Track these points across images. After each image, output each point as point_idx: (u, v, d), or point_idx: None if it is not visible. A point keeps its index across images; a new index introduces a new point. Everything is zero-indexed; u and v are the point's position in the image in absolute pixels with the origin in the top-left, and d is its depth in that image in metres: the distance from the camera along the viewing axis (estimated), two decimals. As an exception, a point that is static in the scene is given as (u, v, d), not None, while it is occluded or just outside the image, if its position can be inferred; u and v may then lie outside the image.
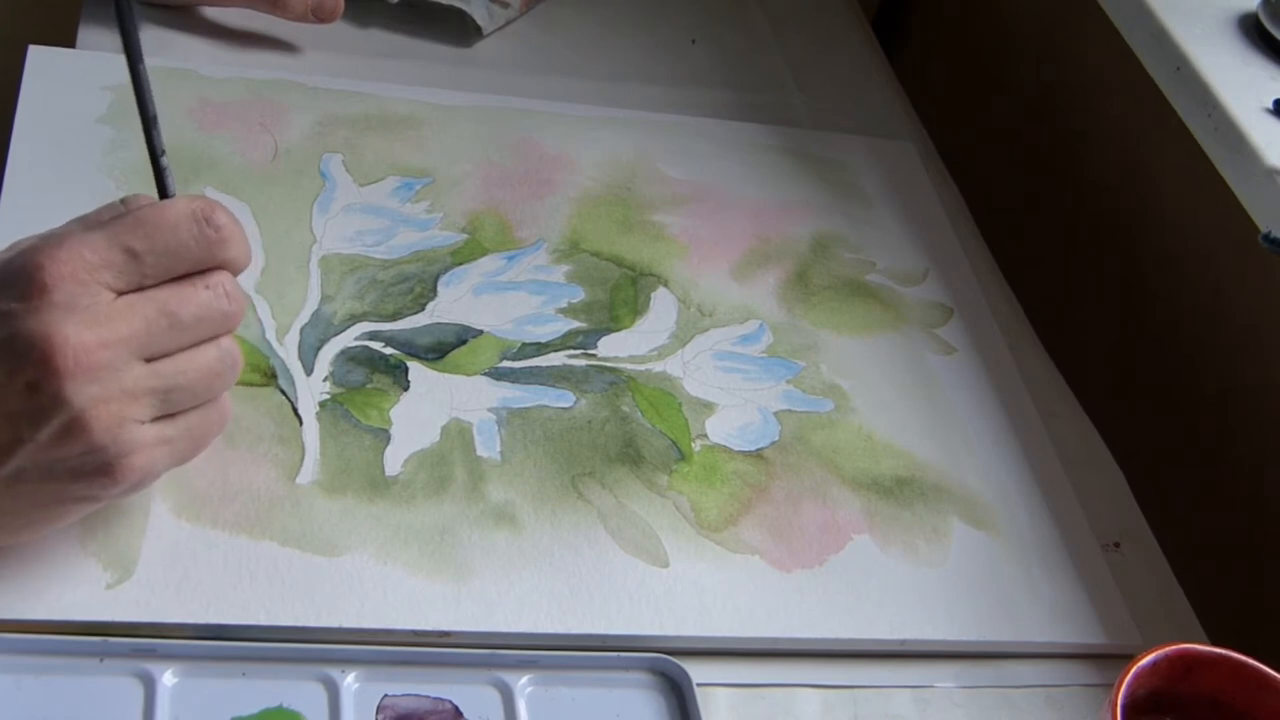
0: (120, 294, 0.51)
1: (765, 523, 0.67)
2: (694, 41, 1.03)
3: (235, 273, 0.54)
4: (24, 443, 0.49)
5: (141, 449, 0.52)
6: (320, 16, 0.87)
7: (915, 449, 0.74)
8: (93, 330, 0.49)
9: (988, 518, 0.72)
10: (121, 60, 0.86)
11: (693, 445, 0.70)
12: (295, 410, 0.66)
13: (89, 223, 0.52)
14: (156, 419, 0.53)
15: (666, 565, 0.64)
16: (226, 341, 0.54)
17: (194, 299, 0.52)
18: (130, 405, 0.51)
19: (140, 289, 0.51)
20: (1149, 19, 0.79)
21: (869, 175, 0.93)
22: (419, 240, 0.77)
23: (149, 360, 0.52)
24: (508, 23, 0.97)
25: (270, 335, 0.69)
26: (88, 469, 0.51)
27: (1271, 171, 0.70)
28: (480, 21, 0.94)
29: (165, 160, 0.57)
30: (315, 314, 0.71)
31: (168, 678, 0.55)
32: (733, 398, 0.73)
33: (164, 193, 0.57)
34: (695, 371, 0.74)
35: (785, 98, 1.00)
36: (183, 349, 0.53)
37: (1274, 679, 0.59)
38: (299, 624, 0.57)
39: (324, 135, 0.82)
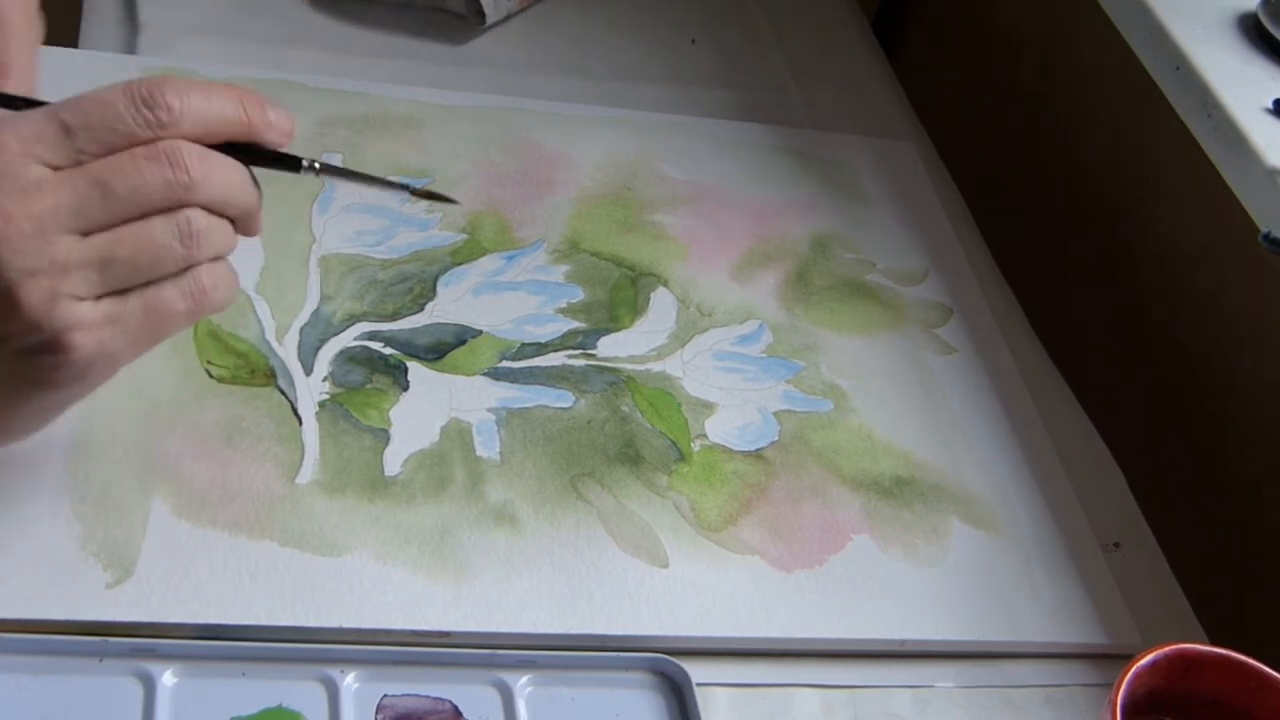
0: (56, 169, 0.48)
1: (765, 523, 0.67)
2: (694, 41, 1.03)
3: (205, 140, 0.50)
4: None
5: (84, 326, 0.49)
6: None
7: (915, 449, 0.74)
8: (16, 200, 0.47)
9: (987, 518, 0.72)
10: (121, 60, 0.86)
11: (692, 445, 0.70)
12: (295, 410, 0.66)
13: None
14: (103, 296, 0.50)
15: (666, 565, 0.64)
16: (190, 213, 0.50)
17: (130, 168, 0.49)
18: (62, 279, 0.48)
19: (78, 165, 0.49)
20: (1149, 18, 0.79)
21: (869, 175, 0.93)
22: (419, 240, 0.77)
23: (87, 234, 0.49)
24: (509, 16, 0.97)
25: (270, 335, 0.69)
26: (31, 348, 0.49)
27: (1271, 171, 0.70)
28: (486, 9, 0.94)
29: None
30: (315, 314, 0.71)
31: (168, 678, 0.55)
32: (732, 398, 0.73)
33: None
34: (695, 371, 0.74)
35: (785, 98, 1.00)
36: (123, 221, 0.50)
37: (1274, 679, 0.59)
38: (299, 624, 0.57)
39: (324, 135, 0.82)
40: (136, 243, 0.50)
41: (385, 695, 0.57)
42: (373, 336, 0.71)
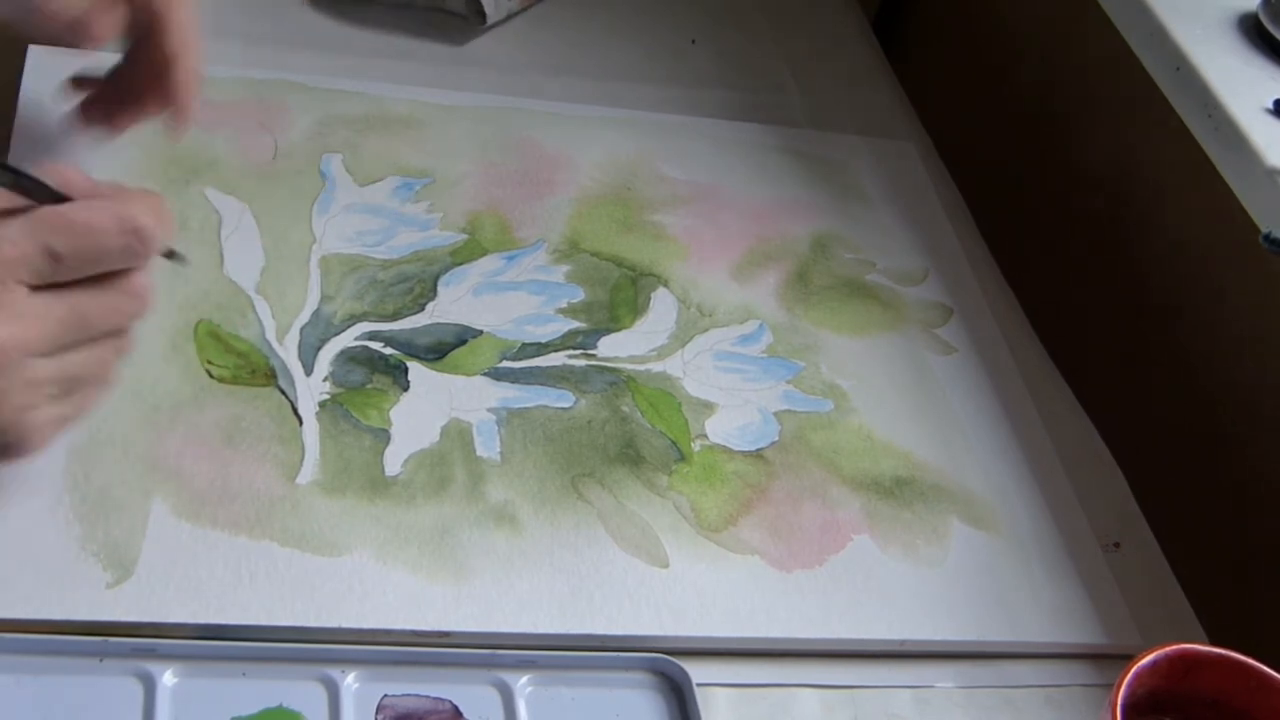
0: (35, 289, 0.51)
1: (765, 523, 0.67)
2: (694, 41, 1.03)
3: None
4: None
5: (40, 429, 0.54)
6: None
7: (915, 449, 0.74)
8: (5, 327, 0.50)
9: (987, 518, 0.72)
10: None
11: (693, 445, 0.70)
12: (295, 410, 0.66)
13: (5, 209, 0.51)
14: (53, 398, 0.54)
15: (666, 565, 0.64)
16: (128, 332, 0.56)
17: (108, 304, 0.53)
18: (32, 394, 0.52)
19: (54, 285, 0.52)
20: (1149, 19, 0.79)
21: (869, 175, 0.93)
22: (419, 240, 0.77)
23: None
24: (509, 16, 0.97)
25: (270, 335, 0.69)
26: None
27: (1271, 171, 0.70)
28: (486, 9, 0.94)
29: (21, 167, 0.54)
30: (315, 314, 0.71)
31: (168, 678, 0.55)
32: (733, 398, 0.73)
33: (39, 189, 0.53)
34: (695, 371, 0.74)
35: (785, 98, 1.00)
36: (88, 343, 0.54)
37: (1274, 679, 0.59)
38: (299, 624, 0.57)
39: (324, 135, 0.82)
40: (97, 363, 0.55)
41: (385, 695, 0.57)
42: (373, 336, 0.71)
